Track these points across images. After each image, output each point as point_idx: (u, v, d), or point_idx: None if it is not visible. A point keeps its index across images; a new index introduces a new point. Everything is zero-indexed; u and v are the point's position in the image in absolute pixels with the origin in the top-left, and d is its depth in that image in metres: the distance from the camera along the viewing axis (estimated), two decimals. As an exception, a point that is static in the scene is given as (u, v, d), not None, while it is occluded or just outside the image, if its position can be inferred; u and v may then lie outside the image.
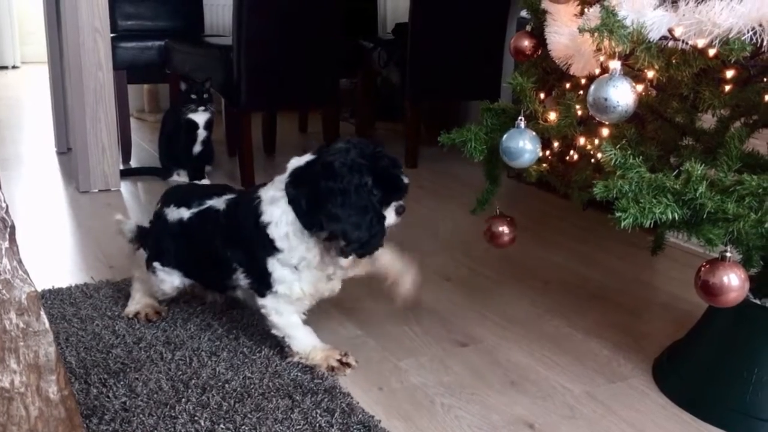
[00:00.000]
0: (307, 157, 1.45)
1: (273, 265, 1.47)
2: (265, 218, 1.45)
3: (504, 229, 1.56)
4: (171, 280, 1.65)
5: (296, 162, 1.46)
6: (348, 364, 1.53)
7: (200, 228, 1.57)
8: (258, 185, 1.54)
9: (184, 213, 1.61)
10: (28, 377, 0.95)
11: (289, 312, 1.52)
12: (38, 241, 2.33)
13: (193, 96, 2.93)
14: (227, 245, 1.52)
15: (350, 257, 1.47)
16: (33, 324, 0.95)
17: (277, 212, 1.44)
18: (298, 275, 1.47)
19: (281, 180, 1.46)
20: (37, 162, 3.40)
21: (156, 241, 1.67)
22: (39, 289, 1.04)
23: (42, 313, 0.97)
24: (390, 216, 1.44)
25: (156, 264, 1.65)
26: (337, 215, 1.36)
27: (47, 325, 0.97)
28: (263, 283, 1.50)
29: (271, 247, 1.45)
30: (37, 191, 2.93)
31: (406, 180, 1.45)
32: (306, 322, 1.56)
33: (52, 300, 1.81)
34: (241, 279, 1.53)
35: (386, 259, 1.57)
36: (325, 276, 1.51)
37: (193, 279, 1.67)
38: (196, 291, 1.75)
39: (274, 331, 1.55)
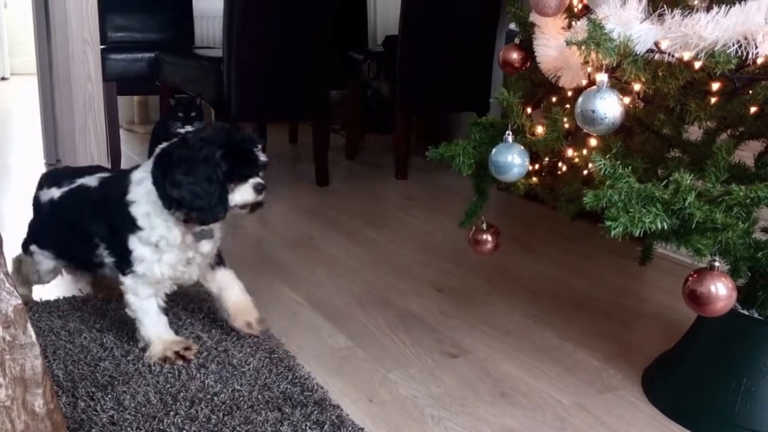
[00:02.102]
0: (173, 141, 1.51)
1: (133, 242, 1.51)
2: (129, 197, 1.50)
3: (487, 237, 1.57)
4: (47, 262, 1.71)
5: (163, 145, 1.52)
6: (183, 357, 1.55)
7: (69, 205, 1.62)
8: (133, 167, 1.58)
9: (55, 193, 1.65)
10: (14, 390, 0.94)
11: (146, 295, 1.55)
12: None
13: (180, 114, 2.93)
14: (92, 220, 1.57)
15: (211, 243, 1.55)
16: (19, 337, 0.95)
17: (141, 191, 1.50)
18: (159, 255, 1.52)
19: (149, 162, 1.52)
20: (26, 173, 3.38)
21: (32, 223, 1.74)
22: (26, 302, 1.03)
23: (29, 325, 0.96)
24: (246, 192, 1.49)
25: (33, 246, 1.71)
26: (179, 182, 1.43)
27: (34, 338, 0.96)
28: (124, 261, 1.54)
29: (132, 225, 1.50)
30: (26, 203, 2.91)
31: (262, 157, 1.50)
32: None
33: (40, 313, 1.79)
34: (105, 256, 1.57)
35: (235, 296, 1.64)
36: (185, 259, 1.55)
37: (64, 259, 1.71)
38: (68, 272, 1.80)
39: (127, 311, 1.58)
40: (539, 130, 1.37)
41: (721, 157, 1.19)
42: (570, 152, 1.38)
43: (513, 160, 1.34)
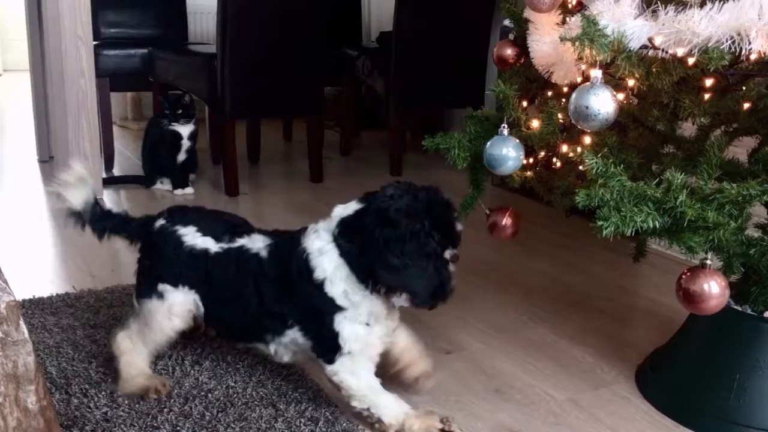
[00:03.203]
0: (355, 205, 1.33)
1: (340, 323, 1.31)
2: (318, 274, 1.30)
3: (507, 221, 1.52)
4: (186, 303, 1.43)
5: (343, 210, 1.34)
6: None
7: (236, 271, 1.39)
8: (298, 231, 1.39)
9: (211, 245, 1.42)
10: (6, 387, 0.94)
11: (367, 371, 1.34)
12: (19, 250, 2.30)
13: (166, 111, 2.93)
14: (282, 300, 1.35)
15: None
16: (12, 334, 0.94)
17: (329, 267, 1.30)
18: (370, 331, 1.33)
19: (326, 229, 1.33)
20: (19, 170, 3.37)
21: (167, 260, 1.44)
22: (19, 299, 1.03)
23: (21, 322, 0.95)
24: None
25: (166, 286, 1.42)
26: (396, 266, 1.25)
27: (26, 334, 0.96)
28: (330, 347, 1.32)
29: (333, 305, 1.31)
30: (18, 200, 2.90)
31: (461, 226, 1.34)
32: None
33: (33, 309, 1.79)
34: (299, 337, 1.36)
35: (403, 343, 1.45)
36: (391, 330, 1.38)
37: (211, 320, 1.48)
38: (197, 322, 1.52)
39: (354, 404, 1.34)
40: (535, 123, 1.37)
41: (713, 154, 1.19)
42: (564, 148, 1.38)
43: (508, 153, 1.34)
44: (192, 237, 1.43)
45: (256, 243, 1.41)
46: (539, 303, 1.96)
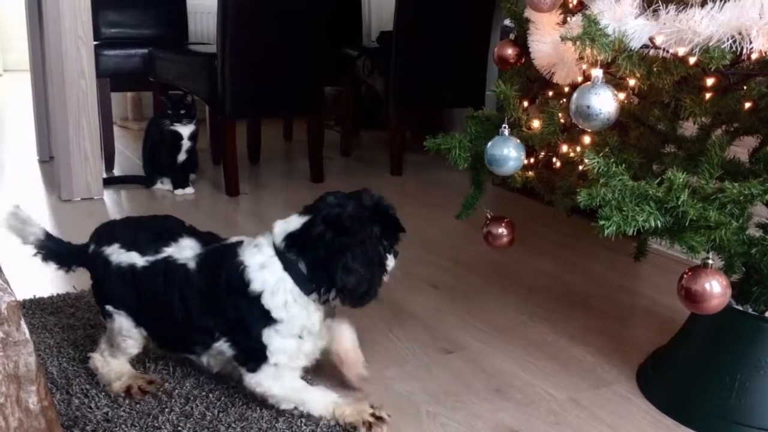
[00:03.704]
0: (298, 219, 1.36)
1: (270, 336, 1.32)
2: (256, 286, 1.31)
3: (502, 230, 1.55)
4: (131, 324, 1.43)
5: (286, 226, 1.36)
6: (381, 418, 1.34)
7: (162, 285, 1.38)
8: (233, 242, 1.41)
9: (136, 259, 1.40)
10: (7, 387, 0.94)
11: (289, 378, 1.37)
12: (20, 250, 2.30)
13: (169, 111, 2.93)
14: (208, 313, 1.35)
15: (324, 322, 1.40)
16: (13, 334, 0.94)
17: (270, 279, 1.31)
18: (300, 345, 1.35)
19: (268, 244, 1.35)
20: (19, 170, 3.37)
21: (101, 284, 1.46)
22: (20, 299, 1.03)
23: (22, 322, 0.95)
24: (391, 262, 1.39)
25: (109, 307, 1.43)
26: (356, 269, 1.29)
27: (27, 335, 0.96)
28: (255, 357, 1.34)
29: (266, 318, 1.32)
30: (19, 200, 2.90)
31: (403, 226, 1.40)
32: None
33: (34, 309, 1.79)
34: (226, 348, 1.37)
35: (348, 344, 1.47)
36: (320, 347, 1.41)
37: (147, 332, 1.45)
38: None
39: (283, 407, 1.37)
40: (536, 124, 1.37)
41: (714, 153, 1.19)
42: (565, 148, 1.38)
43: (509, 154, 1.34)
44: (117, 255, 1.42)
45: (184, 252, 1.39)
46: (540, 302, 1.96)
